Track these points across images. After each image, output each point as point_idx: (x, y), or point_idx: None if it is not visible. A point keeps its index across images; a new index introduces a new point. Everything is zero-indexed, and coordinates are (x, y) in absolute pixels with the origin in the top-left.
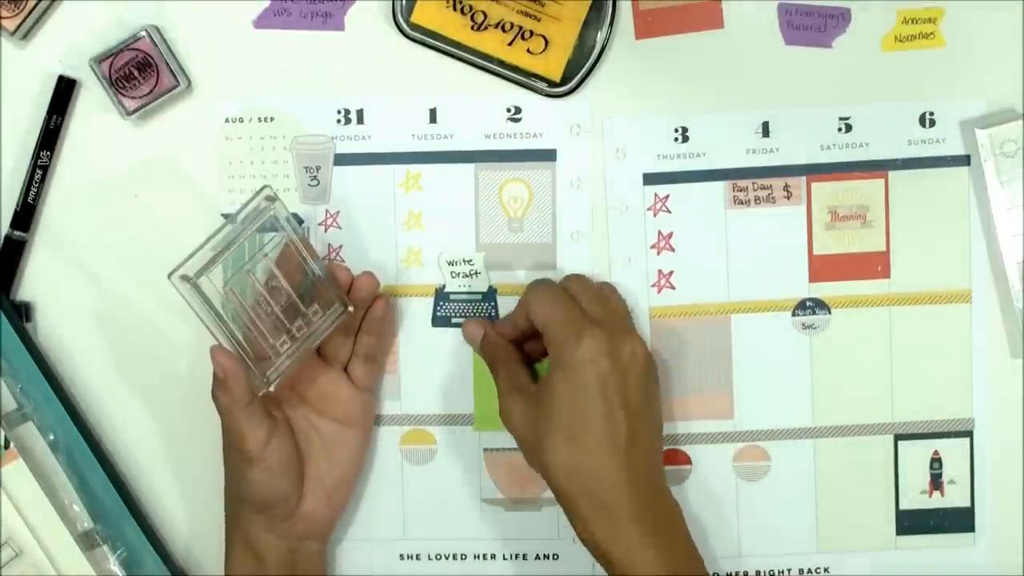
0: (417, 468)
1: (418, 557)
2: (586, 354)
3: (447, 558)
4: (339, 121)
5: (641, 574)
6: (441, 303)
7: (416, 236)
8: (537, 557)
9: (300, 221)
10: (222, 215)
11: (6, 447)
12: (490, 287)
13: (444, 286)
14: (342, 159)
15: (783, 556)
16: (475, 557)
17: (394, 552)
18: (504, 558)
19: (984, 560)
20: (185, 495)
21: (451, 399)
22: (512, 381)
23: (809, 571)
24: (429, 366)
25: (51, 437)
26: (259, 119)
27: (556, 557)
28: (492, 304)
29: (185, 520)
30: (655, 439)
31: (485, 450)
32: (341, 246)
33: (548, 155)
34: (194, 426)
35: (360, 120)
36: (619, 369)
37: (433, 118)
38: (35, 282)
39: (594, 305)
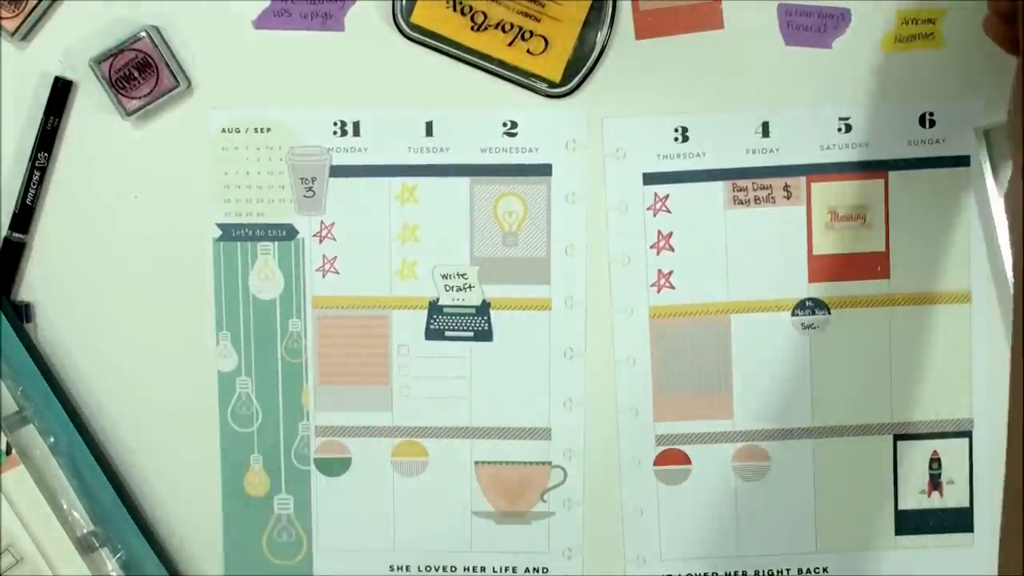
0: (408, 480)
1: (407, 569)
2: None
3: (436, 570)
4: (335, 133)
5: None
6: (434, 316)
7: (411, 249)
8: (527, 570)
9: (295, 232)
10: (217, 224)
11: (7, 453)
12: (484, 301)
13: (438, 299)
14: (338, 171)
15: (782, 556)
16: (464, 569)
17: (383, 563)
18: (493, 571)
19: (982, 560)
20: (185, 496)
21: (443, 412)
22: None
23: (808, 571)
24: (421, 379)
25: (51, 440)
26: (255, 130)
27: (545, 571)
28: (485, 318)
29: (185, 521)
30: None
31: (476, 463)
32: (336, 258)
33: (544, 170)
34: (194, 427)
35: (356, 132)
36: None
37: (429, 131)
38: (35, 283)
39: None
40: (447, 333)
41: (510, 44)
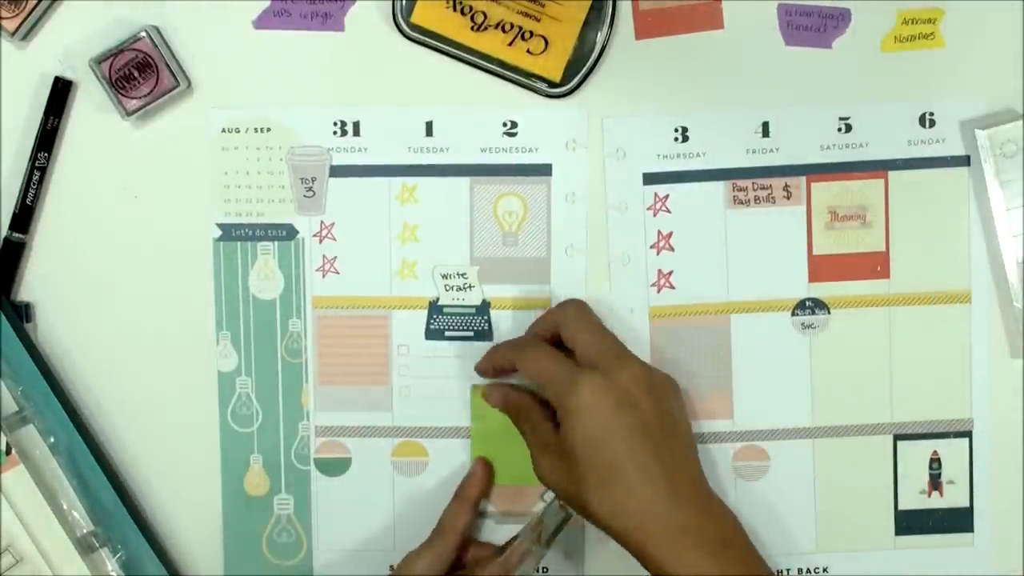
0: (408, 480)
1: None
2: (586, 400)
3: None
4: (335, 132)
5: None
6: (434, 316)
7: (411, 249)
8: None
9: (295, 232)
10: (217, 224)
11: (7, 453)
12: (484, 301)
13: (438, 299)
14: (338, 171)
15: (782, 556)
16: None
17: (383, 563)
18: None
19: (983, 560)
20: (185, 496)
21: (443, 412)
22: (538, 437)
23: (808, 571)
24: (421, 379)
25: (51, 440)
26: (255, 129)
27: (545, 571)
28: (485, 318)
29: (185, 521)
30: (688, 451)
31: None
32: (336, 258)
33: (544, 170)
34: (194, 427)
35: (356, 132)
36: (625, 399)
37: (429, 131)
38: (35, 283)
39: (583, 335)
40: (447, 333)
41: (510, 44)
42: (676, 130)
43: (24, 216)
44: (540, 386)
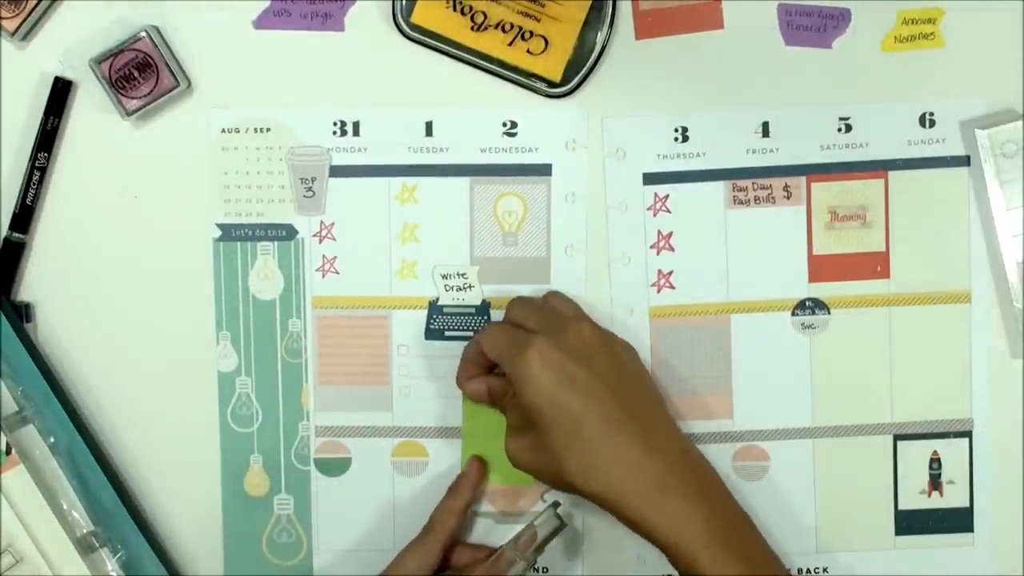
0: (408, 480)
1: None
2: (534, 364)
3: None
4: (335, 133)
5: (693, 547)
6: (434, 316)
7: (411, 249)
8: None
9: (295, 232)
10: (217, 224)
11: (7, 453)
12: (483, 301)
13: (438, 299)
14: (338, 171)
15: (782, 556)
16: None
17: (383, 563)
18: None
19: (982, 560)
20: (185, 496)
21: (443, 412)
22: (510, 418)
23: (808, 571)
24: (421, 379)
25: (51, 440)
26: (255, 130)
27: (546, 571)
28: (485, 318)
29: (185, 521)
30: (656, 405)
31: None
32: (336, 258)
33: (544, 170)
34: (194, 427)
35: (356, 132)
36: (573, 357)
37: (429, 131)
38: (35, 283)
39: (534, 317)
40: (447, 333)
41: (510, 44)
42: (676, 130)
43: (24, 216)
44: (497, 361)
